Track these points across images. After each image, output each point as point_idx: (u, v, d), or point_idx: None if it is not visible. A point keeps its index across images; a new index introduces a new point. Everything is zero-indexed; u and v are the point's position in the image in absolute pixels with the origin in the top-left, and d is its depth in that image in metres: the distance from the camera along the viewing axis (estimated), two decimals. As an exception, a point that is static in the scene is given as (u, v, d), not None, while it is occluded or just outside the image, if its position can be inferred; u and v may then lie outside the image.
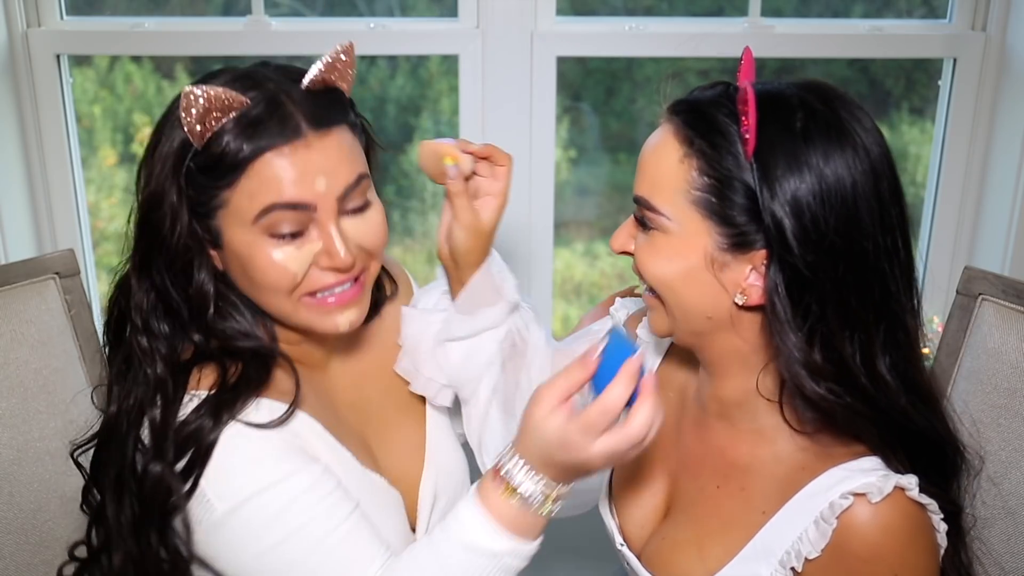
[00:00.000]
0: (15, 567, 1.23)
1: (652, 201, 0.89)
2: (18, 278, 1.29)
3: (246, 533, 0.90)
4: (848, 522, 0.83)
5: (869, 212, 0.84)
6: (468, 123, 1.78)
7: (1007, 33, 1.75)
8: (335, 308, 0.96)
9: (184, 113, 0.87)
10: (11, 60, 1.74)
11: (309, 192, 0.90)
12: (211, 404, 0.92)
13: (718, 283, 0.88)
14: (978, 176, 1.84)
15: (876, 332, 0.86)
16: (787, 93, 0.86)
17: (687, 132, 0.87)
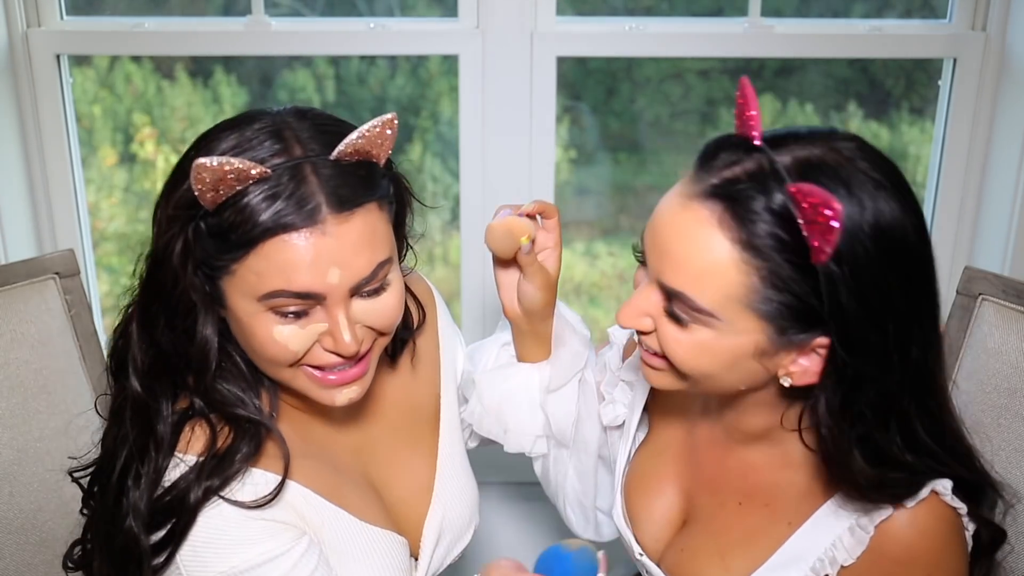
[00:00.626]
0: (15, 567, 1.23)
1: (697, 300, 0.81)
2: (18, 278, 1.29)
3: None
4: (885, 527, 0.84)
5: (926, 278, 0.81)
6: (468, 123, 1.77)
7: (1007, 33, 1.75)
8: (335, 385, 0.92)
9: (196, 182, 0.80)
10: (11, 60, 1.74)
11: (320, 283, 0.84)
12: (197, 474, 0.88)
13: (762, 367, 0.84)
14: (978, 176, 1.84)
15: (916, 412, 0.84)
16: (828, 163, 0.79)
17: (739, 233, 0.78)
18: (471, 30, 1.74)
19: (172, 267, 0.86)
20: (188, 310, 0.88)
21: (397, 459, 1.10)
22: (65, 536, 1.27)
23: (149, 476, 0.89)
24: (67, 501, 1.28)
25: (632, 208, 2.09)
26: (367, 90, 1.96)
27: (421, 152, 1.98)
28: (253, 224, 0.81)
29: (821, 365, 0.81)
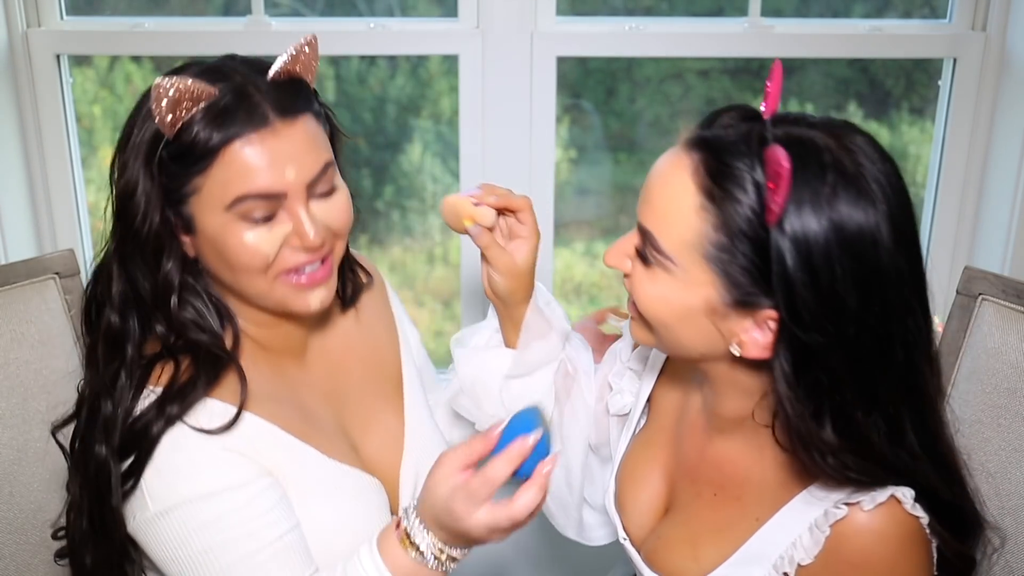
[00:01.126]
0: (15, 567, 1.23)
1: (660, 241, 0.85)
2: (18, 278, 1.29)
3: (173, 536, 0.94)
4: (841, 529, 0.83)
5: (889, 285, 0.80)
6: (468, 123, 1.77)
7: (1007, 33, 1.75)
8: (306, 287, 0.99)
9: (155, 104, 0.90)
10: (11, 60, 1.74)
11: (279, 181, 0.93)
12: (159, 402, 0.95)
13: (715, 329, 0.86)
14: (978, 176, 1.84)
15: (904, 407, 0.83)
16: (817, 145, 0.81)
17: (707, 181, 0.82)
18: (471, 30, 1.74)
19: (137, 204, 0.94)
20: (155, 241, 0.96)
21: (368, 411, 1.16)
22: (65, 536, 1.27)
23: (122, 406, 0.95)
24: (67, 501, 1.28)
25: (632, 208, 2.08)
26: (367, 90, 1.96)
27: (421, 152, 1.98)
28: (211, 136, 0.91)
29: (772, 339, 0.82)
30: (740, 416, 0.95)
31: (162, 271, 0.98)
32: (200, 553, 0.94)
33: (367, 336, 1.20)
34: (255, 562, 0.94)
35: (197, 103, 0.91)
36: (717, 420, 0.99)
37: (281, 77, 0.97)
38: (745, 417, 0.94)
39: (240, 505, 0.95)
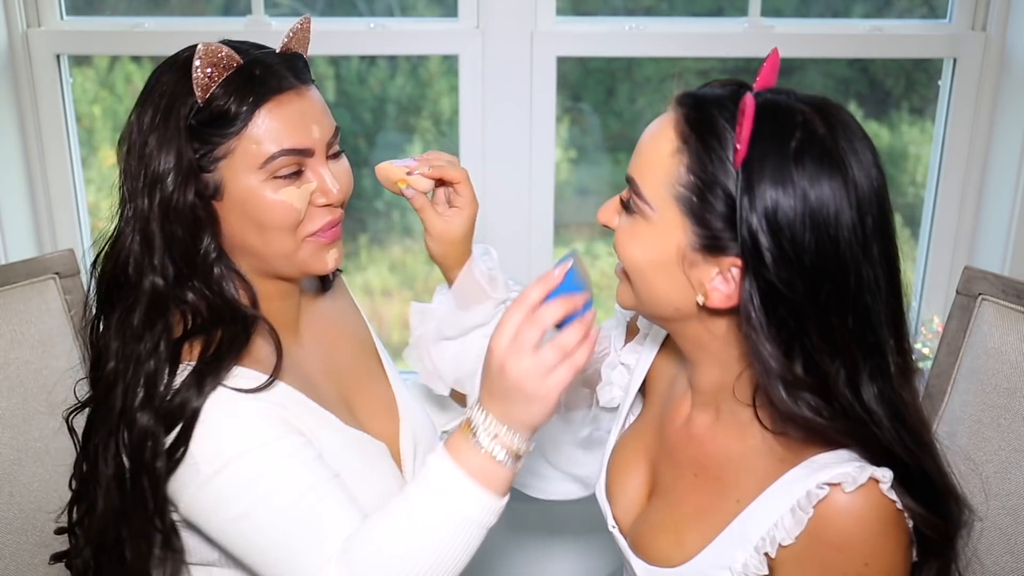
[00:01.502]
0: (15, 567, 1.23)
1: (640, 186, 0.90)
2: (18, 278, 1.29)
3: (229, 493, 0.96)
4: (823, 511, 0.84)
5: (849, 244, 0.82)
6: (468, 123, 1.78)
7: (1007, 33, 1.75)
8: (326, 245, 1.05)
9: (197, 67, 0.95)
10: (11, 60, 1.74)
11: (307, 138, 1.00)
12: (196, 375, 0.97)
13: (686, 279, 0.89)
14: (978, 176, 1.84)
15: (863, 357, 0.85)
16: (792, 109, 0.85)
17: (684, 127, 0.87)
18: (471, 30, 1.74)
19: (171, 175, 0.98)
20: (194, 218, 1.00)
21: (361, 383, 1.20)
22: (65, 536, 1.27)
23: (161, 376, 0.97)
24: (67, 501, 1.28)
25: None
26: (367, 90, 1.96)
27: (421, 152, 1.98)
28: (247, 96, 0.97)
29: (736, 288, 0.85)
30: (718, 388, 0.96)
31: (202, 241, 1.01)
32: (257, 503, 0.95)
33: (345, 315, 1.26)
34: (309, 501, 0.96)
35: (228, 70, 0.97)
36: (698, 395, 1.00)
37: (288, 52, 1.05)
38: (724, 391, 0.95)
39: (287, 453, 0.97)
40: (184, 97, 0.97)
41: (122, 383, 0.99)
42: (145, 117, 1.00)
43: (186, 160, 0.98)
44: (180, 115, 0.97)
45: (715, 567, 0.92)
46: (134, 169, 1.00)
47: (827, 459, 0.87)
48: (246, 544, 0.97)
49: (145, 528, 1.00)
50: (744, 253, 0.83)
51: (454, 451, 0.92)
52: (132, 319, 1.00)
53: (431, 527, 0.92)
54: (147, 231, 1.00)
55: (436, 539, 0.92)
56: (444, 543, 0.92)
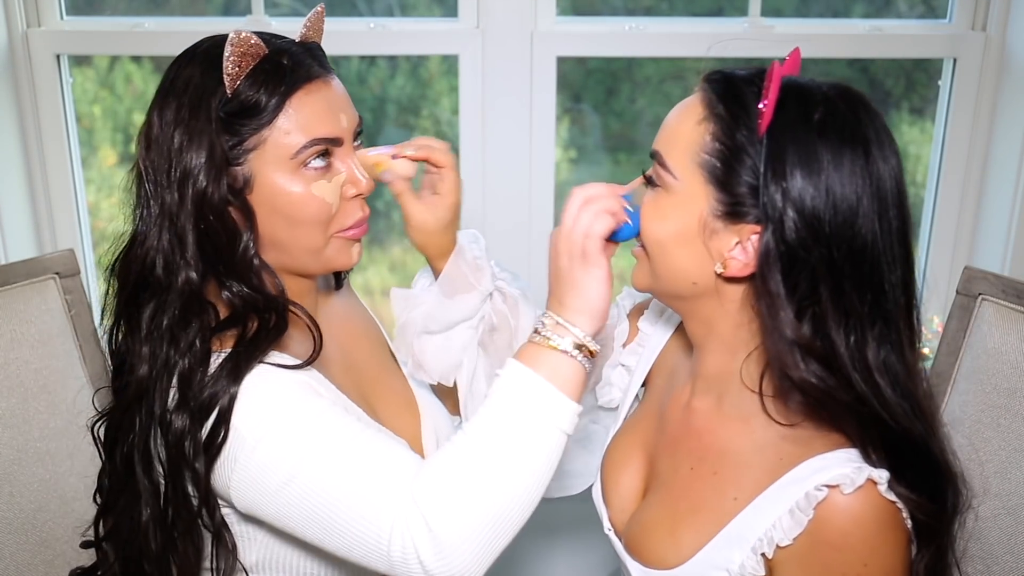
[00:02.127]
0: (15, 567, 1.23)
1: (665, 157, 0.92)
2: (18, 278, 1.29)
3: (277, 454, 0.92)
4: (822, 512, 0.85)
5: (867, 214, 0.85)
6: (468, 123, 1.78)
7: (1007, 33, 1.75)
8: (353, 240, 1.04)
9: (228, 57, 0.93)
10: (11, 60, 1.74)
11: (338, 127, 0.99)
12: (231, 361, 0.94)
13: (706, 250, 0.90)
14: (978, 176, 1.84)
15: (870, 326, 0.86)
16: (815, 87, 0.88)
17: (712, 98, 0.90)
18: (471, 30, 1.74)
19: (202, 169, 0.95)
20: (227, 216, 0.97)
21: (380, 381, 1.18)
22: (65, 536, 1.27)
23: (193, 368, 0.94)
24: (67, 501, 1.28)
25: None
26: (367, 90, 1.96)
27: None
28: (278, 86, 0.95)
29: (754, 257, 0.87)
30: (722, 374, 0.97)
31: (240, 237, 0.98)
32: (307, 457, 0.91)
33: (356, 313, 1.25)
34: (360, 446, 0.93)
35: (255, 59, 0.95)
36: (700, 382, 1.00)
37: (307, 41, 1.03)
38: (729, 377, 0.96)
39: (326, 409, 0.95)
40: (213, 87, 0.95)
41: (156, 388, 0.96)
42: (168, 112, 0.96)
43: (219, 153, 0.95)
44: (210, 106, 0.95)
45: (712, 568, 0.92)
46: (160, 165, 0.96)
47: (825, 461, 0.87)
48: (307, 509, 0.91)
49: (192, 530, 0.98)
50: (765, 218, 0.85)
51: (523, 357, 0.90)
52: (162, 319, 0.97)
53: (514, 437, 0.87)
54: (178, 228, 0.96)
55: (521, 449, 0.87)
56: (529, 452, 0.87)
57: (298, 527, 0.93)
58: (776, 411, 0.91)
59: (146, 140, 0.98)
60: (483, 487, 0.87)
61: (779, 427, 0.92)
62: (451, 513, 0.86)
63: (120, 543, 1.05)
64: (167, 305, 0.97)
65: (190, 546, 0.99)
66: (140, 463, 0.98)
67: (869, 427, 0.87)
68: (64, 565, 1.28)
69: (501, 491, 0.87)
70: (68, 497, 1.28)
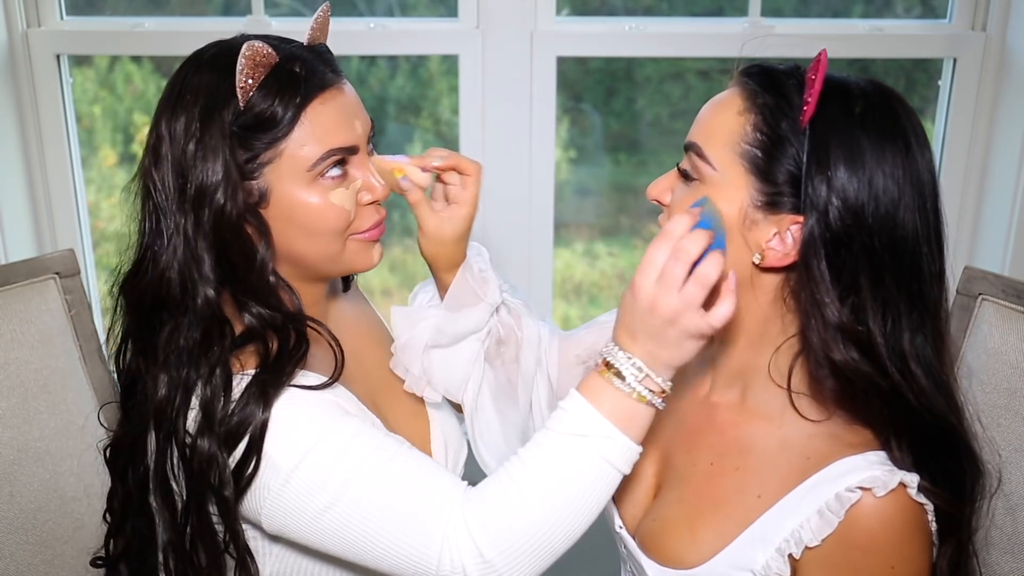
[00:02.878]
0: (15, 567, 1.23)
1: (703, 148, 0.91)
2: (18, 278, 1.28)
3: (315, 481, 0.90)
4: (852, 514, 0.85)
5: (909, 206, 0.88)
6: (468, 123, 1.78)
7: (1007, 33, 1.75)
8: (371, 241, 1.03)
9: (241, 70, 0.90)
10: (11, 60, 1.74)
11: (352, 136, 0.97)
12: (258, 385, 0.92)
13: (743, 241, 0.90)
14: (978, 176, 1.84)
15: (907, 316, 0.88)
16: (853, 82, 0.91)
17: (753, 89, 0.90)
18: (471, 30, 1.74)
19: (219, 186, 0.92)
20: (244, 232, 0.95)
21: (389, 386, 1.16)
22: (65, 536, 1.27)
23: (216, 394, 0.92)
24: (67, 501, 1.28)
25: (632, 208, 2.09)
26: (367, 90, 1.96)
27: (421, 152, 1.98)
28: (292, 97, 0.92)
29: (793, 247, 0.88)
30: (748, 370, 0.97)
31: (257, 253, 0.96)
32: (347, 482, 0.90)
33: (365, 315, 1.23)
34: (399, 467, 0.91)
35: (267, 69, 0.92)
36: (721, 377, 1.00)
37: (315, 44, 1.00)
38: (755, 372, 0.96)
39: (359, 431, 0.94)
40: (224, 99, 0.91)
41: (175, 411, 0.93)
42: (178, 125, 0.93)
43: (234, 168, 0.92)
44: (223, 120, 0.91)
45: (734, 568, 0.91)
46: (171, 182, 0.93)
47: (854, 463, 0.87)
48: (350, 532, 0.90)
49: (216, 557, 0.96)
50: (810, 207, 0.86)
51: (590, 395, 0.88)
52: (179, 340, 0.94)
53: (571, 474, 0.87)
54: (194, 246, 0.93)
55: (576, 486, 0.87)
56: (584, 489, 0.87)
57: (337, 548, 0.91)
58: (804, 407, 0.92)
59: (154, 154, 0.95)
60: (534, 517, 0.87)
61: (806, 424, 0.92)
62: (502, 540, 0.87)
63: (133, 564, 1.04)
64: (185, 327, 0.94)
65: (214, 572, 0.97)
66: (157, 488, 0.96)
67: (900, 416, 0.88)
68: (64, 565, 1.28)
69: (552, 522, 0.88)
70: (68, 497, 1.28)
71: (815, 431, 0.91)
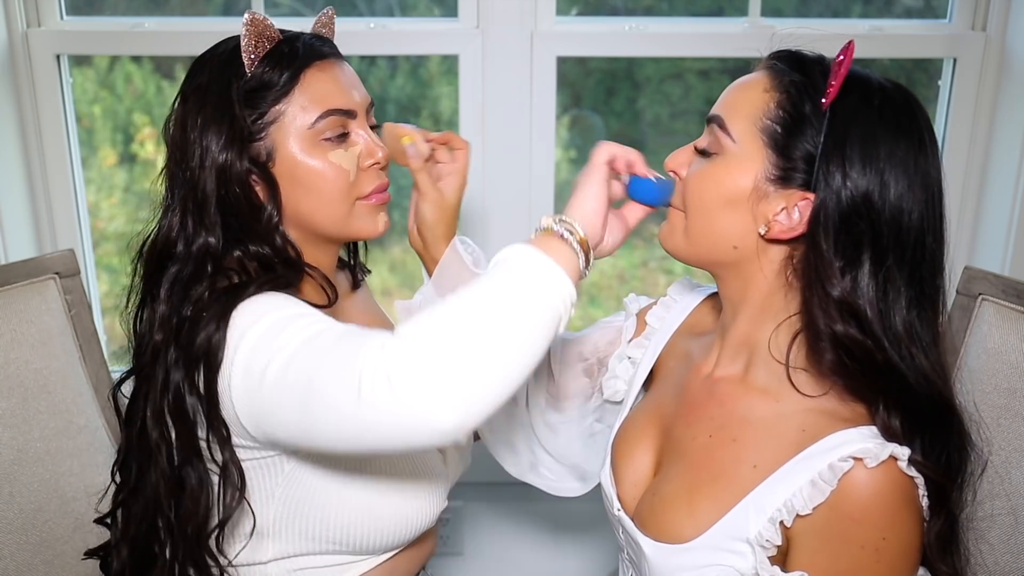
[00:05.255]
0: (15, 567, 1.23)
1: (727, 120, 0.95)
2: (18, 278, 1.29)
3: (265, 335, 0.92)
4: (844, 484, 0.87)
5: (917, 198, 0.92)
6: (468, 123, 1.78)
7: (1007, 33, 1.75)
8: (377, 207, 1.09)
9: (245, 37, 1.01)
10: (11, 60, 1.74)
11: (351, 100, 1.06)
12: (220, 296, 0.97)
13: (751, 214, 0.94)
14: (978, 176, 1.84)
15: (906, 294, 0.92)
16: (873, 77, 0.94)
17: (781, 70, 0.95)
18: (471, 30, 1.74)
19: (220, 147, 1.01)
20: (249, 187, 1.03)
21: None
22: (65, 536, 1.27)
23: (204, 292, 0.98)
24: (67, 501, 1.28)
25: None
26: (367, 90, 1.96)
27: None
28: (291, 63, 1.02)
29: (800, 221, 0.92)
30: (752, 342, 1.00)
31: (264, 209, 1.04)
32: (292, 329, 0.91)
33: (375, 314, 1.27)
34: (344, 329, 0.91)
35: (271, 42, 1.03)
36: (728, 349, 1.03)
37: (317, 31, 1.10)
38: (758, 345, 0.99)
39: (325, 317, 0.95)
40: (233, 69, 1.02)
41: (166, 338, 0.98)
42: (192, 96, 1.03)
43: (238, 126, 1.01)
44: (231, 86, 1.01)
45: (730, 538, 0.93)
46: (184, 141, 1.02)
47: (847, 435, 0.90)
48: (289, 382, 0.87)
49: (202, 474, 0.99)
50: (824, 184, 0.90)
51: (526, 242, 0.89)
52: (179, 283, 1.00)
53: (492, 294, 0.82)
54: (200, 198, 1.01)
55: (497, 306, 0.81)
56: (507, 311, 0.81)
57: (287, 414, 0.89)
58: (801, 383, 0.95)
59: (174, 122, 1.05)
60: (466, 325, 0.79)
61: (803, 399, 0.95)
62: (427, 336, 0.79)
63: (131, 519, 1.06)
64: (184, 270, 1.00)
65: (201, 491, 0.99)
66: (151, 425, 0.99)
67: (894, 388, 0.91)
68: (64, 565, 1.28)
69: (485, 334, 0.79)
70: (68, 497, 1.28)
71: (811, 405, 0.94)
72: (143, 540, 1.04)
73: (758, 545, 0.91)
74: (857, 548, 0.87)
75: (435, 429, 0.77)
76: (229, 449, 0.97)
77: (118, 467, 1.08)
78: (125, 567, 1.07)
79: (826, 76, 0.92)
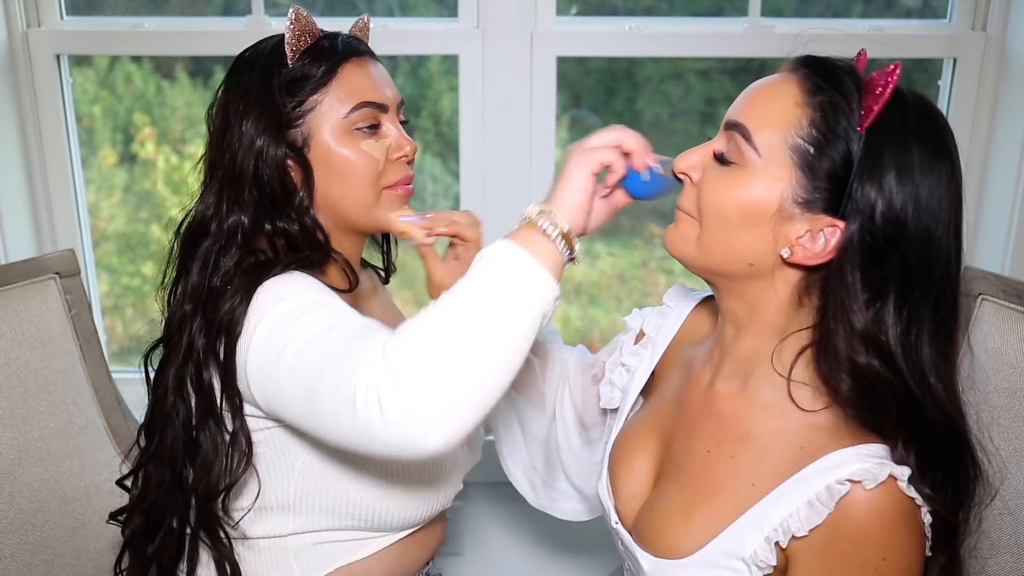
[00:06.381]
0: (15, 567, 1.23)
1: (752, 132, 0.89)
2: (18, 278, 1.29)
3: (282, 319, 0.97)
4: (842, 506, 0.85)
5: (946, 224, 0.87)
6: (468, 123, 1.78)
7: (1007, 33, 1.75)
8: (402, 197, 1.14)
9: (290, 27, 1.08)
10: (11, 60, 1.74)
11: (384, 95, 1.12)
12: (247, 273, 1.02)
13: (772, 234, 0.89)
14: (978, 176, 1.84)
15: (929, 327, 0.88)
16: (905, 94, 0.91)
17: (814, 83, 0.89)
18: (471, 30, 1.74)
19: (259, 131, 1.06)
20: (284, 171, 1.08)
21: None
22: (65, 536, 1.27)
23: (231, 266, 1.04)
24: (67, 501, 1.28)
25: (632, 208, 2.08)
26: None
27: (421, 152, 1.98)
28: (330, 56, 1.09)
29: (825, 248, 0.88)
30: (754, 358, 0.97)
31: (296, 192, 1.09)
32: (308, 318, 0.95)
33: (395, 315, 1.31)
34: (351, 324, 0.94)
35: (313, 37, 1.10)
36: (728, 364, 1.00)
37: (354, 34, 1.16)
38: (760, 361, 0.96)
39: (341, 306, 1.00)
40: (276, 60, 1.08)
41: (193, 317, 1.03)
42: (233, 85, 1.09)
43: (277, 113, 1.06)
44: (272, 75, 1.07)
45: (726, 556, 0.92)
46: (221, 128, 1.08)
47: (846, 455, 0.88)
48: (298, 373, 0.92)
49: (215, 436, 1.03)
50: (853, 213, 0.86)
51: (508, 236, 0.94)
52: (211, 257, 1.05)
53: (475, 305, 0.85)
54: (237, 181, 1.06)
55: (480, 319, 0.84)
56: (489, 323, 0.84)
57: (294, 402, 0.93)
58: (802, 398, 0.92)
59: (217, 110, 1.10)
60: (453, 339, 0.84)
61: (802, 414, 0.92)
62: (416, 355, 0.83)
63: (149, 485, 1.10)
64: (216, 244, 1.06)
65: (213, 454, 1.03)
66: (175, 389, 1.04)
67: (911, 420, 0.88)
68: (64, 565, 1.28)
69: (471, 348, 0.84)
70: (68, 497, 1.28)
71: (811, 421, 0.92)
72: (159, 509, 1.09)
73: (753, 564, 0.90)
74: (857, 569, 0.86)
75: (425, 450, 0.84)
76: (240, 418, 1.03)
77: (143, 432, 1.11)
78: (136, 533, 1.11)
79: (859, 90, 0.88)
